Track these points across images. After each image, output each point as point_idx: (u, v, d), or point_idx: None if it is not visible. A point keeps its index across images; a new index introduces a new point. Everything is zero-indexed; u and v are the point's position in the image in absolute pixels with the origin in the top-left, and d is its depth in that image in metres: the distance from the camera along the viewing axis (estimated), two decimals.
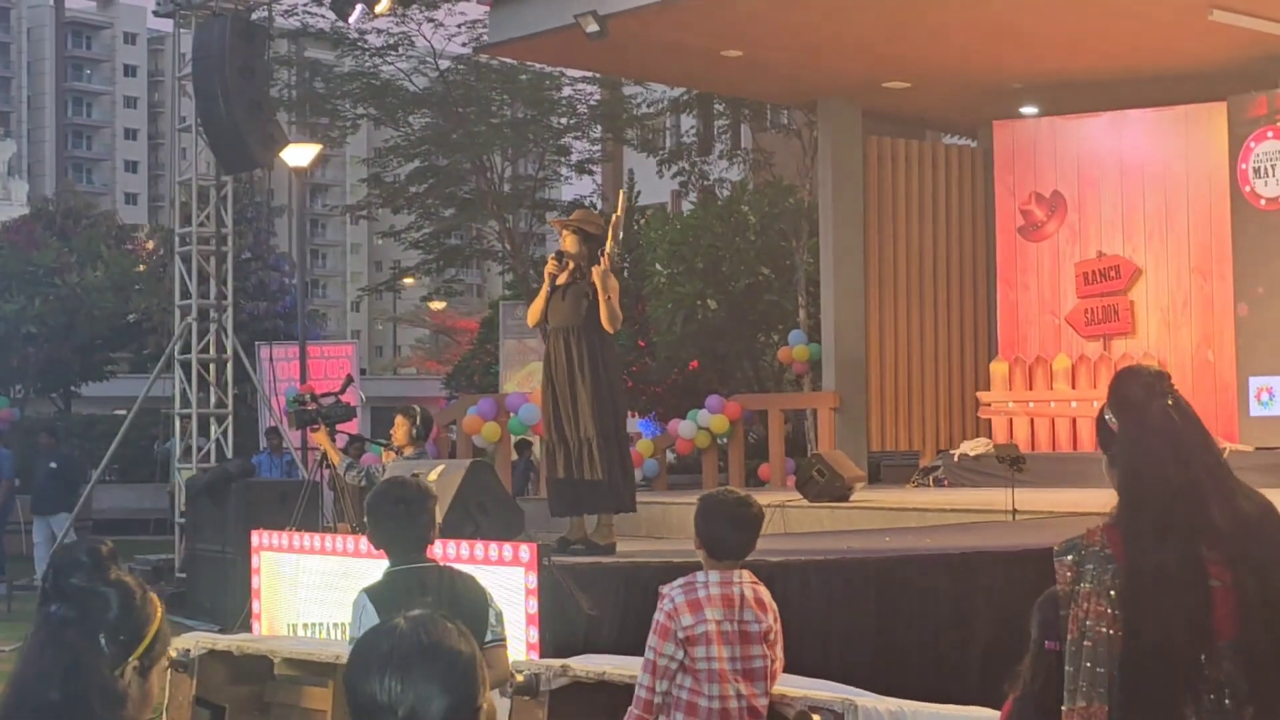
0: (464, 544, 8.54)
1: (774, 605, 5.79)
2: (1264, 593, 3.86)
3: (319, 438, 11.86)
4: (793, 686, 5.84)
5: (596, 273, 9.79)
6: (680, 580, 5.71)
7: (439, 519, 5.74)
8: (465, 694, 2.55)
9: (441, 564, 5.77)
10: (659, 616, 5.65)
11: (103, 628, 2.80)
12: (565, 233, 10.17)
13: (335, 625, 9.60)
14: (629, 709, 5.69)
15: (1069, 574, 4.01)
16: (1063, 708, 3.96)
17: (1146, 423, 3.98)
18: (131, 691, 2.82)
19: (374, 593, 5.45)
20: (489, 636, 5.41)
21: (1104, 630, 3.91)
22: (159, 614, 2.91)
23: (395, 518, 5.54)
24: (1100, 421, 4.09)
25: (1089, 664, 3.91)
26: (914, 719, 5.68)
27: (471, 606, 5.42)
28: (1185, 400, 4.01)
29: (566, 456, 9.94)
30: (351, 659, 2.62)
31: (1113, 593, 3.93)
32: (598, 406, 9.85)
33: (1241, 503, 3.94)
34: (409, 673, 2.52)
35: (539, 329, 10.49)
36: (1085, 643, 3.92)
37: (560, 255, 10.13)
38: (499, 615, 5.52)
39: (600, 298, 9.78)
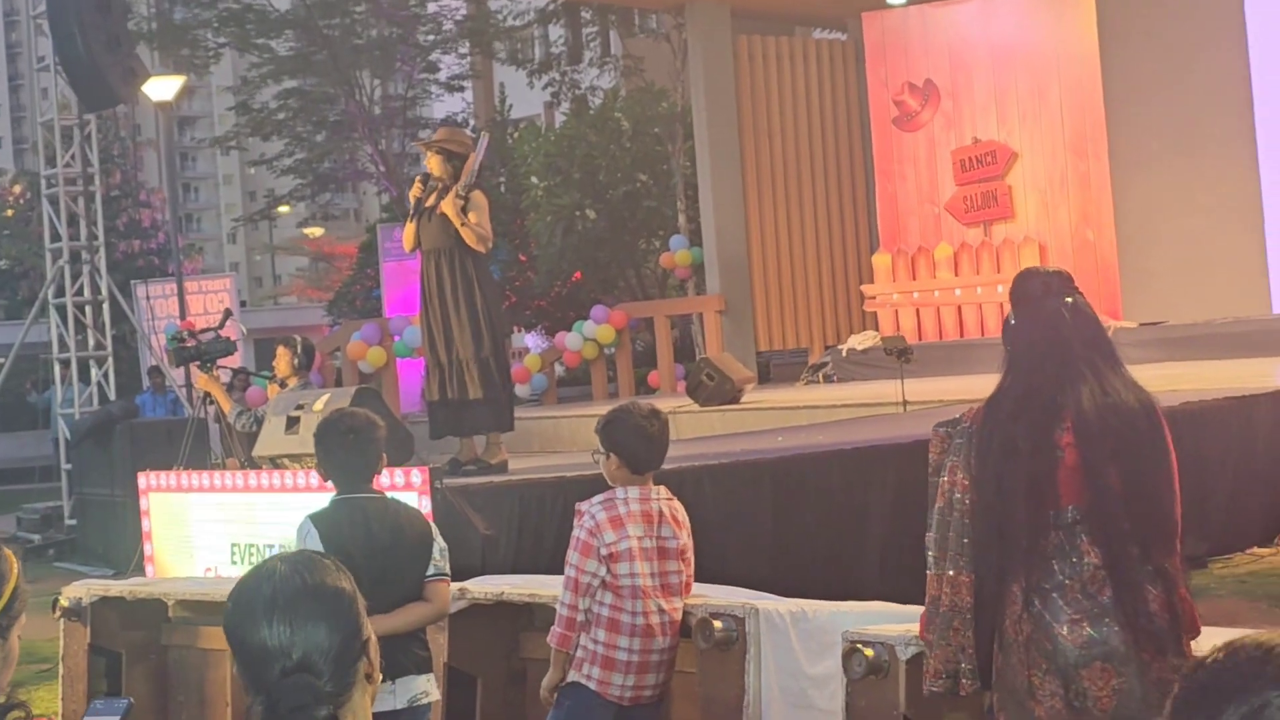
0: None
1: (688, 522, 5.76)
2: (1116, 467, 4.05)
3: (207, 383, 11.65)
4: (693, 595, 5.80)
5: (446, 205, 9.60)
6: (599, 497, 5.64)
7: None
8: (352, 629, 2.47)
9: (387, 495, 5.70)
10: (579, 533, 5.58)
11: None
12: (429, 154, 9.97)
13: (245, 550, 9.46)
14: (552, 627, 5.64)
15: (941, 445, 4.23)
16: (928, 572, 4.19)
17: (1037, 317, 4.22)
18: None
19: (319, 519, 5.40)
20: (431, 570, 5.42)
21: (967, 501, 4.09)
22: (15, 571, 2.82)
23: (344, 447, 5.48)
24: (1005, 321, 4.28)
25: (954, 533, 4.12)
26: (814, 619, 5.66)
27: (416, 539, 5.43)
28: (1085, 300, 4.20)
29: (442, 378, 9.83)
30: (232, 607, 2.49)
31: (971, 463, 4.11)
32: (474, 327, 9.72)
33: (1122, 393, 4.12)
34: (296, 614, 2.42)
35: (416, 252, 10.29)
36: (953, 513, 4.11)
37: (426, 177, 9.95)
38: (443, 550, 5.51)
39: (458, 226, 9.61)
